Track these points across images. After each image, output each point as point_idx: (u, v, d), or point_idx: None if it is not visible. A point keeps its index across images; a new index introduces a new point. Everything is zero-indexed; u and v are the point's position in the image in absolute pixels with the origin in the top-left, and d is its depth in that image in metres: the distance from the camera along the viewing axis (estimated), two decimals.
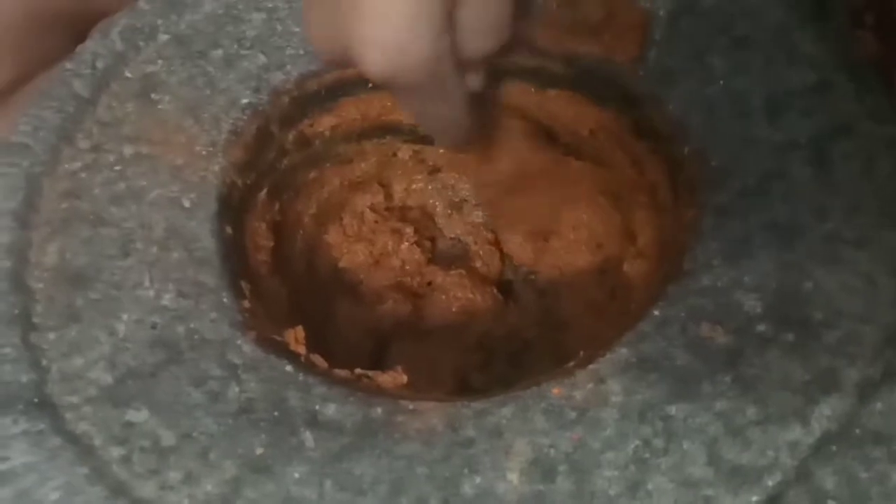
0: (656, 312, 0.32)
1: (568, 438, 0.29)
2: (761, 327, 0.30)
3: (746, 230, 0.33)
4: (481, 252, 0.46)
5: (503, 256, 0.46)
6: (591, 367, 0.31)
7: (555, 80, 0.41)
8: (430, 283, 0.44)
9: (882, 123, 0.34)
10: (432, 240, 0.46)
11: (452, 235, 0.47)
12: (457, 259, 0.46)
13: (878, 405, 0.28)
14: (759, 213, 0.33)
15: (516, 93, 0.42)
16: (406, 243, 0.45)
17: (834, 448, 0.27)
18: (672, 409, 0.29)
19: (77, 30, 0.54)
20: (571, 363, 0.32)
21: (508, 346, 0.43)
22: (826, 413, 0.28)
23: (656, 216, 0.38)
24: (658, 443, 0.28)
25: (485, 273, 0.45)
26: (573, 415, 0.29)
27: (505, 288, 0.45)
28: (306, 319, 0.36)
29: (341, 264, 0.44)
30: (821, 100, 0.35)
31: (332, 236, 0.45)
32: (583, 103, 0.41)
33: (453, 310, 0.43)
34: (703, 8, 0.39)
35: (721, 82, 0.37)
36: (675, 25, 0.39)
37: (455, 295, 0.43)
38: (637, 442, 0.28)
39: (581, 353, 0.32)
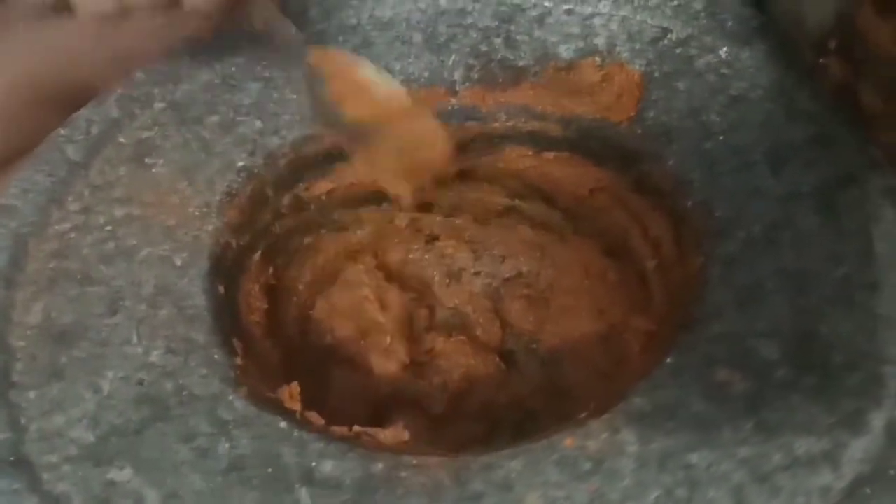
0: (669, 360, 0.30)
1: (584, 490, 0.27)
2: (780, 372, 0.29)
3: (756, 278, 0.32)
4: (481, 320, 0.44)
5: (504, 325, 0.44)
6: (604, 416, 0.29)
7: (552, 142, 0.41)
8: (430, 351, 0.43)
9: (885, 171, 0.34)
10: (431, 309, 0.45)
11: (451, 305, 0.46)
12: (456, 328, 0.44)
13: None
14: (768, 260, 0.32)
15: (514, 157, 0.42)
16: (403, 312, 0.44)
17: (868, 491, 0.26)
18: (693, 458, 0.27)
19: (69, 106, 0.54)
20: (583, 414, 0.30)
21: (512, 416, 0.41)
22: (857, 456, 0.26)
23: (662, 271, 0.37)
24: (681, 492, 0.26)
25: (486, 341, 0.44)
26: (588, 465, 0.28)
27: (507, 356, 0.43)
28: (300, 382, 0.34)
29: (336, 332, 0.43)
30: (823, 151, 0.35)
31: (327, 304, 0.43)
32: (581, 164, 0.41)
33: (455, 377, 0.42)
34: (697, 69, 0.39)
35: (720, 137, 0.37)
36: (671, 86, 0.39)
37: (457, 362, 0.42)
38: (658, 492, 0.27)
39: (592, 404, 0.31)
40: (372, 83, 0.38)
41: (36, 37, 0.54)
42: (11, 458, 0.29)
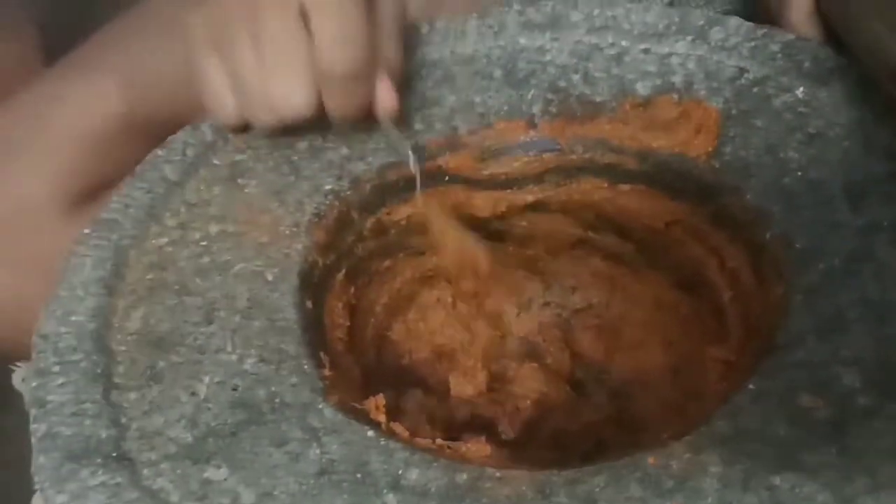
0: (751, 386, 0.31)
1: None
2: (863, 399, 0.29)
3: (838, 307, 0.32)
4: (551, 349, 0.45)
5: (573, 355, 0.45)
6: (686, 438, 0.29)
7: (628, 175, 0.42)
8: (502, 377, 0.43)
9: None
10: (502, 336, 0.46)
11: (521, 334, 0.46)
12: (527, 356, 0.45)
13: None
14: (850, 291, 0.33)
15: (589, 188, 0.43)
16: (474, 338, 0.45)
17: None
18: (777, 479, 0.28)
19: (163, 137, 0.57)
20: (664, 436, 0.31)
21: (582, 444, 0.41)
22: None
23: (739, 302, 0.38)
24: None
25: (556, 370, 0.44)
26: (671, 483, 0.28)
27: (577, 386, 0.44)
28: None
29: (413, 354, 0.44)
30: None
31: (401, 328, 0.45)
32: (656, 197, 0.41)
33: (526, 403, 0.42)
34: (774, 108, 0.40)
35: (799, 173, 0.37)
36: (749, 123, 0.40)
37: (528, 388, 0.43)
38: None
39: (667, 432, 0.31)
40: (460, 243, 0.43)
41: (136, 72, 0.57)
42: (114, 454, 0.30)
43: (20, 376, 0.62)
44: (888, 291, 0.32)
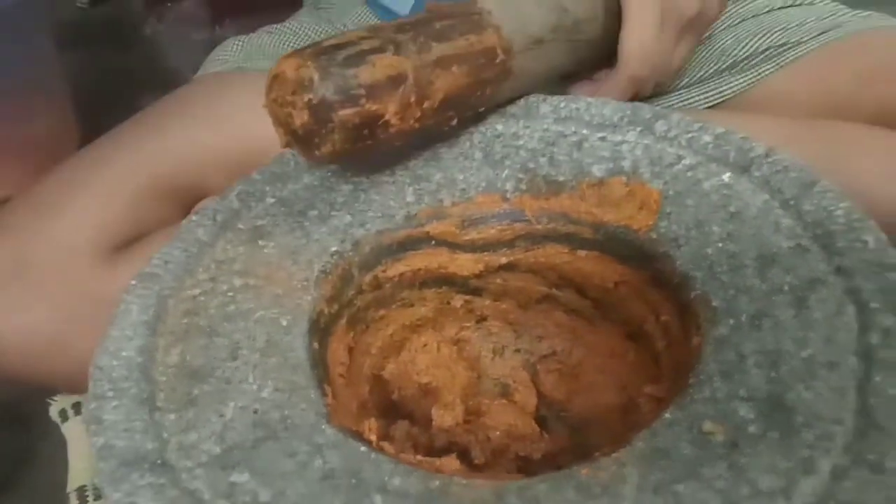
0: (667, 415, 0.38)
1: None
2: (752, 428, 0.37)
3: (741, 355, 0.40)
4: (520, 389, 0.53)
5: (539, 394, 0.53)
6: (613, 455, 0.37)
7: (585, 243, 0.50)
8: (477, 411, 0.51)
9: (848, 278, 0.42)
10: (478, 378, 0.54)
11: (495, 376, 0.54)
12: (499, 394, 0.53)
13: (847, 483, 0.34)
14: (752, 342, 0.41)
15: (552, 253, 0.51)
16: (455, 378, 0.52)
17: None
18: (680, 487, 0.35)
19: (188, 202, 0.66)
20: (597, 454, 0.38)
21: (544, 471, 0.48)
22: (805, 491, 0.34)
23: (670, 350, 0.46)
24: None
25: (523, 406, 0.52)
26: (598, 489, 0.36)
27: (541, 421, 0.52)
28: None
29: (402, 391, 0.51)
30: (800, 260, 0.44)
31: (393, 368, 0.52)
32: (608, 262, 0.50)
33: (497, 433, 0.50)
34: (704, 190, 0.49)
35: (720, 244, 0.46)
36: (682, 202, 0.48)
37: (499, 421, 0.50)
38: None
39: (604, 448, 0.39)
40: None
41: (162, 146, 0.66)
42: (158, 462, 0.38)
43: (56, 409, 0.70)
44: (782, 342, 0.40)
